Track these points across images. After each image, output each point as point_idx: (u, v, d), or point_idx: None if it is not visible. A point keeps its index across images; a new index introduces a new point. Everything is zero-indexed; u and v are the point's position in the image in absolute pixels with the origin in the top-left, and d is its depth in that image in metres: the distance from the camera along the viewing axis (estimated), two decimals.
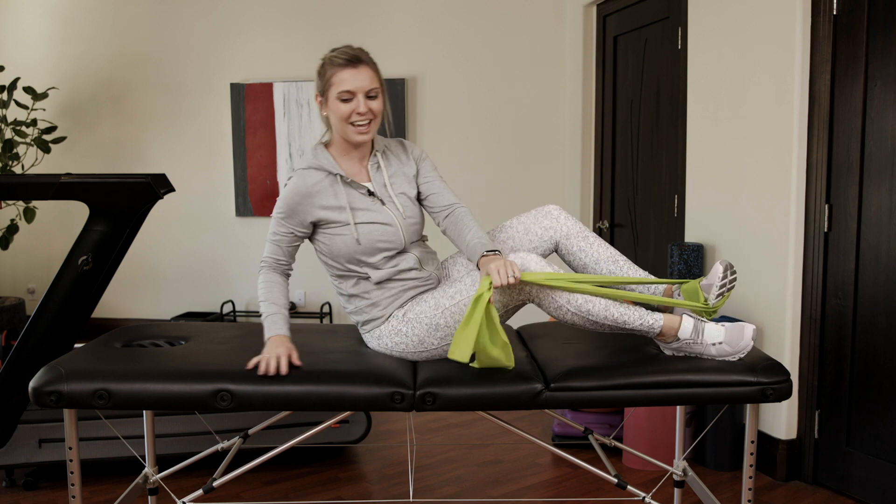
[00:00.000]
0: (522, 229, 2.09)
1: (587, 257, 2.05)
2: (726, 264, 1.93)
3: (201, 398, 1.82)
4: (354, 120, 1.98)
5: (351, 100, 1.97)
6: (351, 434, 3.16)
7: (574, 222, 2.08)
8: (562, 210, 2.10)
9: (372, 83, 1.98)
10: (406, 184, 2.10)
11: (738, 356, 1.90)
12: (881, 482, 2.71)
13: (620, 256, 2.07)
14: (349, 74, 1.96)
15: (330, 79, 1.98)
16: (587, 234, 2.07)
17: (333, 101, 1.99)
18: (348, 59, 1.97)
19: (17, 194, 2.47)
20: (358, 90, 1.96)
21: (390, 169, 2.10)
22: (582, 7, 4.52)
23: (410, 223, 2.06)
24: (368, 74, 1.98)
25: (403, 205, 2.06)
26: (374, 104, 1.99)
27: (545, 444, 2.03)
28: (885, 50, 2.64)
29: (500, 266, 1.81)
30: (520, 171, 5.00)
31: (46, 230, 5.51)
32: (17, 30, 5.49)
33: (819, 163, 2.86)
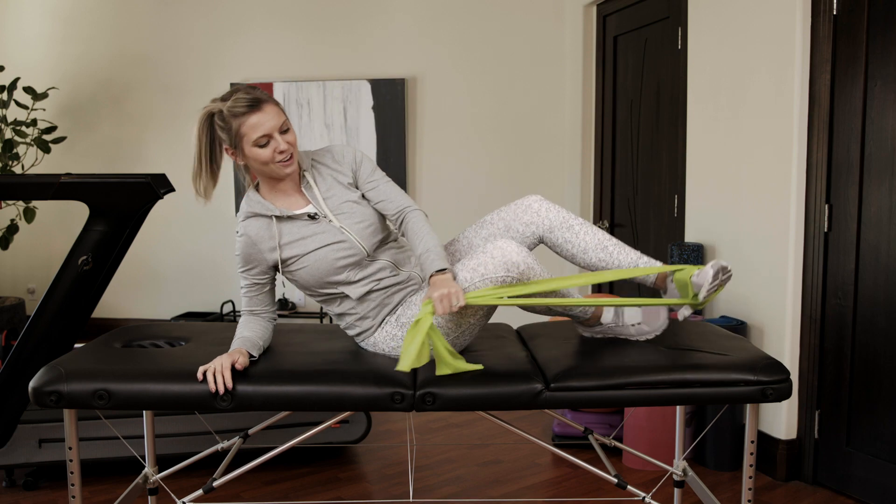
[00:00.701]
0: (503, 226, 2.04)
1: (574, 248, 2.00)
2: (718, 268, 1.86)
3: (201, 398, 1.81)
4: (279, 159, 1.93)
5: (268, 142, 1.91)
6: (351, 434, 3.16)
7: (557, 212, 2.02)
8: (543, 201, 2.03)
9: (280, 118, 1.92)
10: (345, 191, 2.03)
11: (655, 334, 2.05)
12: (881, 482, 2.71)
13: (610, 240, 2.00)
14: (258, 119, 1.89)
15: (239, 130, 1.91)
16: (571, 224, 2.01)
17: (251, 150, 1.92)
18: (250, 105, 1.90)
19: (17, 194, 2.47)
20: (272, 130, 1.90)
21: (324, 184, 2.03)
22: (582, 7, 4.52)
23: (364, 227, 2.00)
24: (275, 111, 1.92)
25: (351, 213, 2.00)
26: (289, 137, 1.94)
27: (545, 444, 2.03)
28: (885, 50, 2.64)
29: (443, 295, 1.78)
30: (520, 171, 5.00)
31: (46, 230, 5.51)
32: (17, 30, 5.49)
33: (819, 163, 2.86)
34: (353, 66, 5.10)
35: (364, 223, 2.01)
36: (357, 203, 2.02)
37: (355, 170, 2.05)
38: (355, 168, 2.06)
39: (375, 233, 2.02)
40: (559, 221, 2.01)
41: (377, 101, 5.02)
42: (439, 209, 5.08)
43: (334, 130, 5.11)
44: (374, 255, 2.03)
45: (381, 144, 5.06)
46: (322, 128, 5.11)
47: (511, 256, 1.85)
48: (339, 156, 2.06)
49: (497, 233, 2.05)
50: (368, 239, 2.01)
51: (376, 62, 5.07)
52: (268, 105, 1.92)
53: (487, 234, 2.07)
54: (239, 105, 1.90)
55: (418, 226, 1.98)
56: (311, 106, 5.10)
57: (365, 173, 2.05)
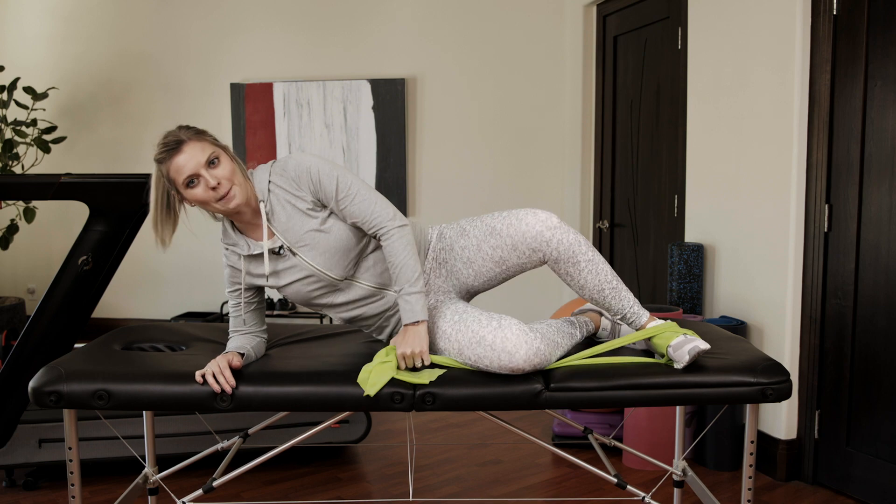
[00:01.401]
0: (510, 244, 1.91)
1: (573, 283, 1.94)
2: (696, 353, 1.81)
3: (201, 398, 1.81)
4: (214, 197, 1.84)
5: (197, 181, 1.84)
6: (351, 434, 3.16)
7: (567, 245, 1.88)
8: (555, 229, 1.88)
9: (205, 152, 1.83)
10: (305, 220, 1.91)
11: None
12: (881, 482, 2.71)
13: (608, 284, 1.92)
14: (179, 161, 1.82)
15: (168, 175, 1.85)
16: (578, 260, 1.89)
17: (186, 192, 1.85)
18: (169, 149, 1.83)
19: (17, 194, 2.47)
20: (196, 168, 1.82)
21: (283, 213, 1.91)
22: (582, 7, 4.52)
23: (329, 257, 1.92)
24: (197, 147, 1.83)
25: (313, 244, 1.91)
26: (220, 171, 1.84)
27: (545, 443, 2.03)
28: (885, 50, 2.64)
29: (406, 355, 1.84)
30: (519, 171, 5.00)
31: (46, 230, 5.51)
32: (17, 30, 5.49)
33: (819, 163, 2.86)
34: (353, 66, 5.10)
35: (328, 252, 1.92)
36: (319, 231, 1.91)
37: (315, 191, 1.91)
38: (314, 189, 1.91)
39: (345, 256, 1.94)
40: (566, 256, 1.89)
41: (377, 101, 5.02)
42: (439, 209, 5.08)
43: (334, 130, 5.11)
44: (353, 276, 1.98)
45: (381, 144, 5.06)
46: (322, 128, 5.11)
47: (517, 363, 1.80)
48: (295, 177, 1.91)
49: (504, 245, 1.92)
50: (337, 266, 1.93)
51: (376, 62, 5.07)
52: (188, 143, 1.83)
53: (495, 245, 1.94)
54: (160, 152, 1.86)
55: (394, 252, 1.89)
56: (311, 106, 5.10)
57: (328, 193, 1.90)
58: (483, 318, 1.86)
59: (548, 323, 1.98)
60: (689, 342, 1.84)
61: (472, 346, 1.84)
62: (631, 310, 1.96)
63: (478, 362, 1.84)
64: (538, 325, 1.91)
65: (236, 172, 1.87)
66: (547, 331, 1.90)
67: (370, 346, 2.15)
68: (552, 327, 1.96)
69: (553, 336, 1.91)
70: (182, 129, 1.87)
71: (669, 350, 1.87)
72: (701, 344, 1.83)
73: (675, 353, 1.85)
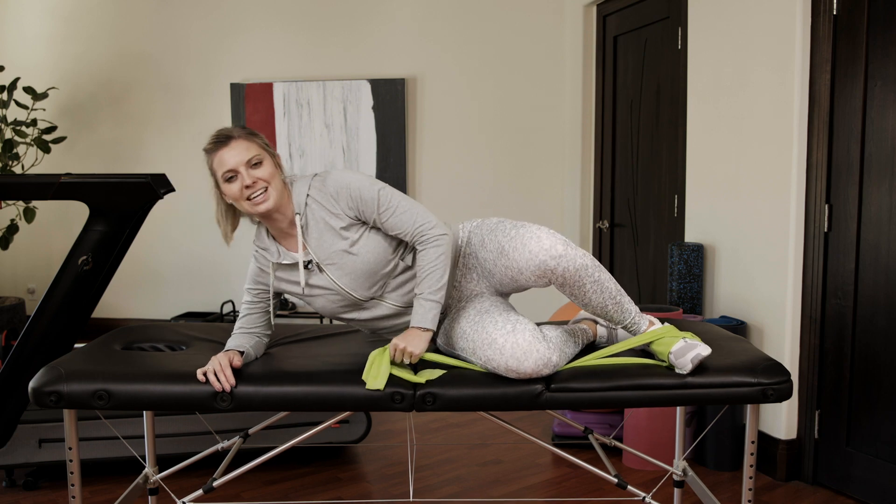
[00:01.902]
0: (517, 268, 1.87)
1: (577, 301, 1.93)
2: (698, 361, 1.82)
3: (201, 398, 1.82)
4: (247, 195, 1.89)
5: (236, 177, 1.89)
6: (351, 434, 3.16)
7: (572, 272, 1.84)
8: (560, 259, 1.82)
9: (249, 152, 1.89)
10: (336, 239, 1.94)
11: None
12: (881, 482, 2.71)
13: (612, 300, 1.91)
14: (223, 154, 1.89)
15: (212, 167, 1.92)
16: (584, 283, 1.87)
17: (224, 186, 1.91)
18: (218, 142, 1.90)
19: (17, 194, 2.47)
20: (237, 165, 1.88)
21: (316, 229, 1.95)
22: (582, 7, 4.52)
23: (354, 278, 1.95)
24: (243, 146, 1.89)
25: (340, 264, 1.94)
26: (259, 172, 1.89)
27: (545, 444, 2.03)
28: (885, 50, 2.64)
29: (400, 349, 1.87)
30: (520, 171, 5.00)
31: (46, 230, 5.51)
32: (17, 30, 5.49)
33: (819, 163, 2.86)
34: (353, 66, 5.10)
35: (354, 273, 1.95)
36: (347, 252, 1.94)
37: (355, 207, 1.93)
38: (354, 205, 1.93)
39: (370, 278, 1.96)
40: (572, 280, 1.86)
41: (377, 100, 5.02)
42: (439, 209, 5.07)
43: (334, 130, 5.11)
44: (380, 296, 2.01)
45: (381, 144, 5.06)
46: (322, 128, 5.11)
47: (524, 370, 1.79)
48: (334, 194, 1.94)
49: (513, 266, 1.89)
50: (362, 287, 1.97)
51: (376, 62, 5.07)
52: (236, 140, 1.89)
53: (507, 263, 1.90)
54: (208, 143, 1.93)
55: (426, 259, 1.92)
56: (311, 106, 5.10)
57: (370, 207, 1.92)
58: (500, 321, 1.85)
59: (559, 329, 1.98)
60: (691, 349, 1.84)
61: (484, 347, 1.84)
62: (632, 320, 1.97)
63: (487, 363, 1.84)
64: (551, 333, 1.91)
65: (275, 178, 1.91)
66: (558, 339, 1.91)
67: (370, 345, 2.15)
68: (562, 335, 1.96)
69: (562, 345, 1.92)
70: (236, 127, 1.94)
71: (671, 357, 1.87)
72: (702, 350, 1.83)
73: (678, 360, 1.85)
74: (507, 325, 1.83)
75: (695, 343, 1.85)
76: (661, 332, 1.92)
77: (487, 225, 2.03)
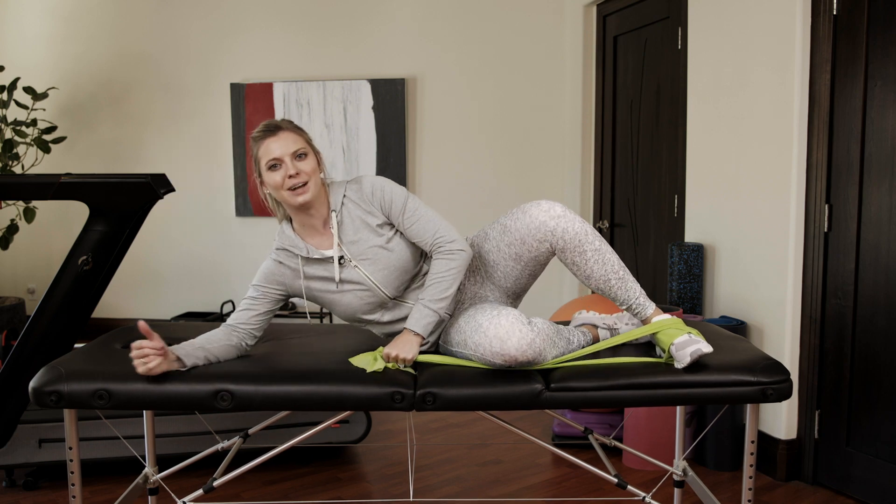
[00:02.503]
0: (519, 237, 1.96)
1: (579, 272, 1.97)
2: (697, 356, 1.83)
3: (201, 398, 1.81)
4: (289, 185, 1.93)
5: (279, 166, 1.93)
6: (351, 434, 3.16)
7: (573, 234, 1.92)
8: (559, 218, 1.92)
9: (296, 144, 1.94)
10: (373, 235, 2.00)
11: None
12: (881, 482, 2.71)
13: (615, 274, 1.95)
14: (271, 143, 1.93)
15: (257, 154, 1.97)
16: (584, 249, 1.93)
17: (266, 174, 1.95)
18: (267, 130, 1.95)
19: (17, 194, 2.47)
20: (283, 154, 1.92)
21: (352, 226, 2.00)
22: (582, 7, 4.52)
23: (387, 274, 2.00)
24: (291, 137, 1.95)
25: (375, 259, 1.99)
26: (303, 164, 1.94)
27: (545, 444, 2.03)
28: (885, 50, 2.64)
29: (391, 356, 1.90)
30: (520, 171, 5.00)
31: (46, 230, 5.51)
32: (17, 30, 5.49)
33: (819, 163, 2.86)
34: (353, 66, 5.10)
35: (388, 269, 2.00)
36: (383, 248, 1.99)
37: (386, 210, 2.01)
38: (385, 208, 2.00)
39: (402, 275, 2.02)
40: (573, 244, 1.92)
41: (377, 100, 5.02)
42: (439, 209, 5.07)
43: (334, 130, 5.11)
44: (402, 296, 2.05)
45: (381, 144, 5.06)
46: (322, 128, 5.11)
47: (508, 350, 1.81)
48: (369, 194, 2.01)
49: (514, 242, 1.98)
50: (392, 283, 2.01)
51: (376, 62, 5.07)
52: (284, 132, 1.95)
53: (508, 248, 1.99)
54: (258, 131, 1.97)
55: (439, 267, 1.97)
56: (311, 106, 5.10)
57: (396, 213, 2.00)
58: (489, 309, 1.89)
59: (550, 322, 1.99)
60: (693, 343, 1.84)
61: (472, 334, 1.88)
62: (637, 301, 1.98)
63: (476, 350, 1.87)
64: (538, 321, 1.92)
65: (316, 174, 1.97)
66: (545, 327, 1.91)
67: (370, 345, 2.15)
68: (552, 327, 1.97)
69: (551, 334, 1.92)
70: (284, 120, 1.99)
71: (672, 348, 1.87)
72: (704, 346, 1.84)
73: (678, 352, 1.86)
74: (493, 311, 1.86)
75: (698, 339, 1.86)
76: (667, 324, 1.93)
77: (488, 224, 2.09)
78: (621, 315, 2.17)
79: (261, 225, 5.28)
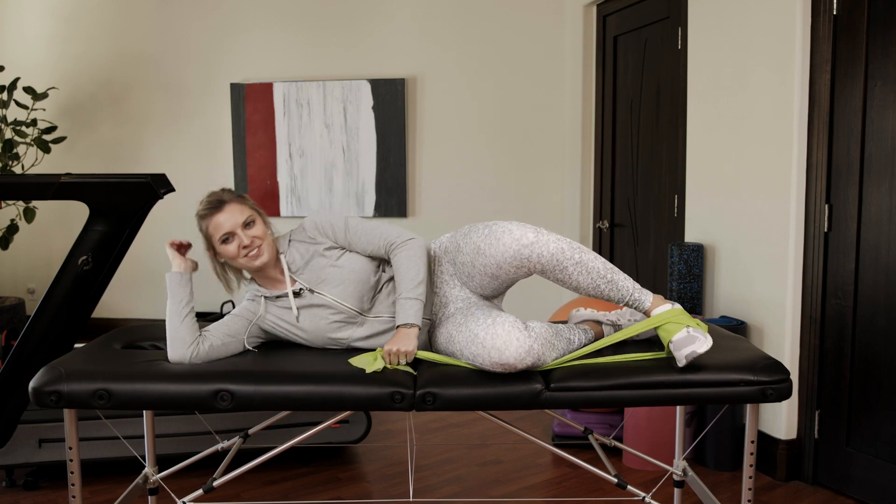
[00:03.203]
0: (496, 263, 1.93)
1: (567, 286, 1.96)
2: (692, 358, 1.83)
3: (201, 398, 1.82)
4: (244, 253, 2.03)
5: (232, 238, 2.03)
6: (351, 434, 3.16)
7: (549, 256, 1.88)
8: (534, 245, 1.88)
9: (243, 214, 2.03)
10: (322, 259, 2.08)
11: None
12: (881, 482, 2.71)
13: (602, 279, 1.93)
14: (219, 219, 2.02)
15: (207, 230, 2.06)
16: (565, 266, 1.90)
17: (221, 248, 2.05)
18: (212, 207, 2.04)
19: (17, 194, 2.47)
20: (233, 227, 2.02)
21: (301, 258, 2.09)
22: (582, 7, 4.52)
23: (345, 288, 2.04)
24: (237, 209, 2.03)
25: (330, 278, 2.06)
26: (254, 231, 2.03)
27: (545, 444, 2.03)
28: (885, 50, 2.64)
29: (392, 353, 1.92)
30: (519, 171, 5.00)
31: (46, 230, 5.51)
32: (17, 30, 5.49)
33: (819, 163, 2.86)
34: (353, 66, 5.10)
35: (344, 283, 2.05)
36: (334, 266, 2.06)
37: (332, 237, 2.09)
38: (331, 236, 2.09)
39: (360, 286, 2.06)
40: (552, 265, 1.90)
41: (377, 101, 5.02)
42: (439, 209, 5.08)
43: (334, 130, 5.10)
44: (370, 311, 2.08)
45: (381, 144, 5.06)
46: (322, 128, 5.11)
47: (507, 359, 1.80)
48: (312, 229, 2.11)
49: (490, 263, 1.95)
50: (352, 296, 2.05)
51: (376, 62, 5.07)
52: (228, 204, 2.03)
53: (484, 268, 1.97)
54: (202, 208, 2.07)
55: (399, 263, 2.02)
56: (311, 106, 5.09)
57: (341, 234, 2.09)
58: (481, 317, 1.88)
59: (547, 324, 1.98)
60: (689, 343, 1.84)
61: (468, 344, 1.87)
62: (632, 297, 1.97)
63: (474, 360, 1.86)
64: (535, 325, 1.90)
65: (267, 234, 2.08)
66: (543, 331, 1.89)
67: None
68: (550, 329, 1.96)
69: (549, 337, 1.91)
70: (225, 191, 2.09)
71: (671, 346, 1.88)
72: (700, 346, 1.83)
73: (676, 352, 1.86)
74: (488, 320, 1.86)
75: (696, 335, 1.85)
76: (666, 317, 1.92)
77: (461, 232, 2.09)
78: (623, 311, 2.17)
79: None
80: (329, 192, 5.14)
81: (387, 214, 5.08)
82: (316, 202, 5.16)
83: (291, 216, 5.20)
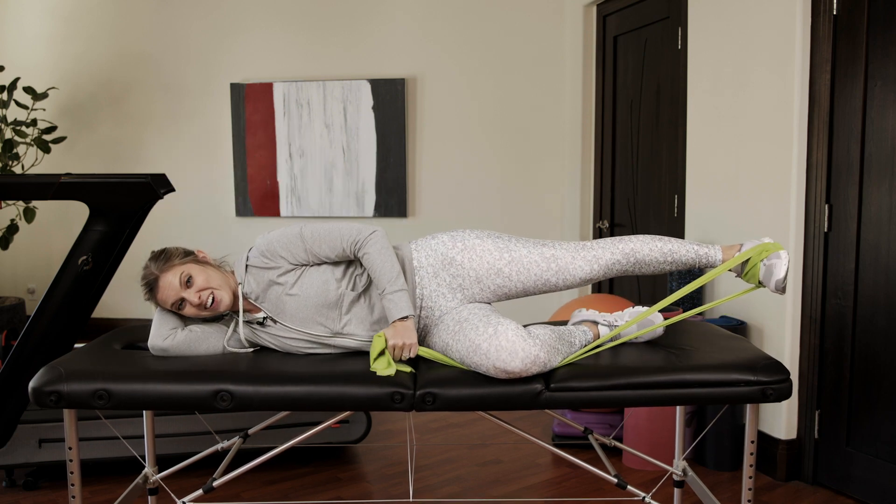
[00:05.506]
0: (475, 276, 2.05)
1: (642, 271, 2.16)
2: (782, 286, 2.02)
3: (201, 398, 1.81)
4: (202, 309, 2.01)
5: (184, 303, 2.01)
6: (351, 434, 3.16)
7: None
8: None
9: (176, 278, 1.99)
10: (276, 286, 2.03)
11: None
12: (881, 482, 2.71)
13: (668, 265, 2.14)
14: (161, 295, 2.01)
15: (157, 304, 2.05)
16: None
17: (180, 312, 2.04)
18: (150, 290, 2.02)
19: (17, 194, 2.47)
20: (177, 296, 2.00)
21: (259, 287, 2.04)
22: (582, 7, 4.52)
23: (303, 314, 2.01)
24: (169, 279, 1.99)
25: (285, 308, 2.02)
26: (197, 284, 1.99)
27: (545, 444, 2.03)
28: (885, 50, 2.64)
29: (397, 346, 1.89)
30: (520, 171, 5.00)
31: (46, 230, 5.51)
32: (17, 30, 5.49)
33: (819, 163, 2.86)
34: (353, 66, 5.10)
35: (301, 311, 2.00)
36: (290, 295, 2.01)
37: (286, 255, 2.02)
38: (283, 254, 2.01)
39: (320, 309, 2.01)
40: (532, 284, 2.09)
41: (377, 101, 5.02)
42: (439, 209, 5.08)
43: (334, 130, 5.10)
44: (342, 331, 2.03)
45: (381, 144, 5.06)
46: (322, 128, 5.11)
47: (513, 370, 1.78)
48: (266, 251, 2.03)
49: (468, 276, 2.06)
50: (313, 323, 2.02)
51: (376, 62, 5.07)
52: (162, 277, 1.99)
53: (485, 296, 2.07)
54: (144, 294, 2.05)
55: (370, 261, 1.97)
56: (311, 106, 5.09)
57: (298, 251, 2.01)
58: (480, 326, 1.85)
59: (549, 328, 1.96)
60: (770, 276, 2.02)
61: (470, 354, 1.84)
62: (699, 263, 2.12)
63: (478, 370, 1.84)
64: (537, 331, 1.89)
65: (212, 278, 2.01)
66: (546, 337, 1.88)
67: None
68: (553, 333, 1.94)
69: (553, 342, 1.90)
70: (152, 262, 2.03)
71: (763, 271, 2.05)
72: (780, 272, 2.00)
73: (769, 286, 2.03)
74: (489, 329, 1.82)
75: (772, 262, 2.02)
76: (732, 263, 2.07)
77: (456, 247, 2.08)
78: (622, 313, 2.17)
79: (261, 225, 5.28)
80: (329, 192, 5.14)
81: (387, 214, 5.08)
82: (316, 202, 5.16)
83: (291, 216, 5.20)
